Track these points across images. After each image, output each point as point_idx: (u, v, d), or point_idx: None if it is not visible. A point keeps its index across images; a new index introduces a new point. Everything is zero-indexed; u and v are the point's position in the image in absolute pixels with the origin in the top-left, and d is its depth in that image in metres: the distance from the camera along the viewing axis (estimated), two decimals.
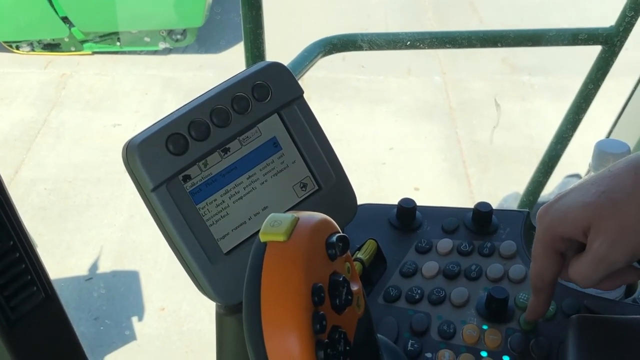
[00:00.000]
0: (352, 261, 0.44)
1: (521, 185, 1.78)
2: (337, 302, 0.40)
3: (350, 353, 0.40)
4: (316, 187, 0.58)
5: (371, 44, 1.37)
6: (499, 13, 4.23)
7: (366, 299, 0.45)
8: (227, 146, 0.54)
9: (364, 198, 0.68)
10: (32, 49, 3.97)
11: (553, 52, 3.30)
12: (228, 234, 0.54)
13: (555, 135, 1.59)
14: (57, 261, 2.52)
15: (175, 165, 0.52)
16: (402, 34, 1.40)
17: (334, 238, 0.41)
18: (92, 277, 2.49)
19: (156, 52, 3.99)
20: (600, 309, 0.60)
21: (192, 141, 0.52)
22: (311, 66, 1.30)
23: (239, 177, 0.54)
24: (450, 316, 0.61)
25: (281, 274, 0.38)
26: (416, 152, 3.16)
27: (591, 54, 1.47)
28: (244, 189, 0.55)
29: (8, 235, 0.53)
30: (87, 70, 3.87)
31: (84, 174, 3.02)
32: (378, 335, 0.51)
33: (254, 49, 1.23)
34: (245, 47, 1.24)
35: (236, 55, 3.65)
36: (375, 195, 2.80)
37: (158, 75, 3.80)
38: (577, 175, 2.20)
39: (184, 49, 4.02)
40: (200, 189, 0.53)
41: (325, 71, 3.59)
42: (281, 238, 0.39)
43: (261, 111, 0.55)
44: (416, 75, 3.76)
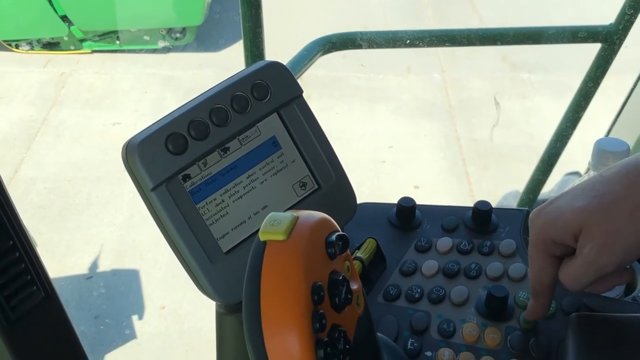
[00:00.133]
0: (352, 260, 0.44)
1: (521, 184, 1.78)
2: (337, 300, 0.40)
3: (350, 352, 0.40)
4: (316, 186, 0.58)
5: (370, 42, 1.37)
6: (498, 12, 4.23)
7: (366, 297, 0.45)
8: (226, 145, 0.54)
9: (363, 196, 0.68)
10: (32, 48, 3.96)
11: (553, 50, 3.31)
12: (228, 233, 0.54)
13: (555, 133, 1.59)
14: (57, 260, 2.51)
15: (174, 164, 0.52)
16: (401, 32, 1.40)
17: (334, 237, 0.41)
18: (92, 276, 2.48)
19: (155, 51, 3.98)
20: (600, 307, 0.60)
21: (191, 140, 0.52)
22: (311, 64, 1.30)
23: (239, 176, 0.55)
24: (450, 315, 0.61)
25: (281, 273, 0.38)
26: (416, 151, 3.16)
27: (591, 52, 1.47)
28: (244, 188, 0.55)
29: (8, 234, 0.53)
30: (87, 68, 3.86)
31: (84, 172, 3.02)
32: (378, 334, 0.51)
33: (254, 47, 1.23)
34: (245, 46, 1.24)
35: (235, 54, 3.65)
36: (375, 194, 2.80)
37: (157, 74, 3.80)
38: (577, 173, 2.20)
39: (183, 47, 4.01)
40: (200, 189, 0.53)
41: (325, 69, 3.58)
42: (281, 237, 0.39)
43: (261, 110, 0.55)
44: (416, 74, 3.75)
